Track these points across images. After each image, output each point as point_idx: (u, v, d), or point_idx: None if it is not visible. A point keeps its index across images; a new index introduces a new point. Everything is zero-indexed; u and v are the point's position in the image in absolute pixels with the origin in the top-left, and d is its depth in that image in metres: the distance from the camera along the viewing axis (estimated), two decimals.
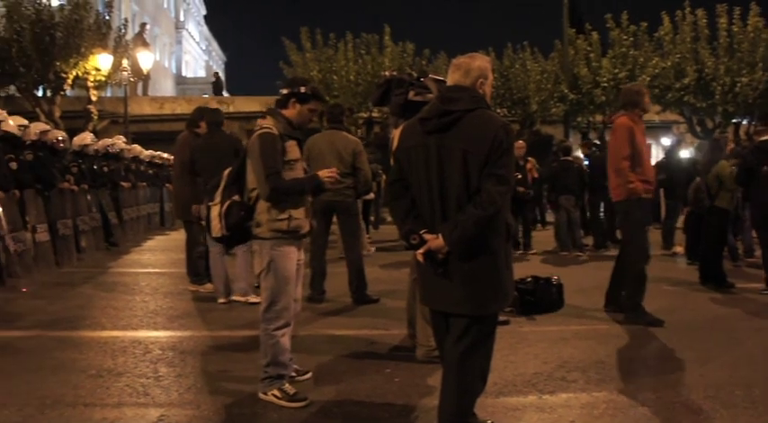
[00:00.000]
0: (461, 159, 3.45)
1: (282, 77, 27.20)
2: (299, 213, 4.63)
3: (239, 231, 4.65)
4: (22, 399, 4.67)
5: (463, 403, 3.65)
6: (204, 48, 79.04)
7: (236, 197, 4.64)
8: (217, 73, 46.73)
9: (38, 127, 10.77)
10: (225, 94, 37.51)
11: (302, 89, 4.74)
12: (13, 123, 9.46)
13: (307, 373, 5.10)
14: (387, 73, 5.67)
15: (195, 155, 7.88)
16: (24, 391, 4.84)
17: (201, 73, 72.82)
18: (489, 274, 3.54)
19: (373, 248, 12.49)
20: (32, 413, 4.42)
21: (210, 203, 4.73)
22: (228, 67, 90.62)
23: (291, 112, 4.73)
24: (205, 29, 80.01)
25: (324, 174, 4.75)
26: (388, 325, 6.70)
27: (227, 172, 4.75)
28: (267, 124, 4.66)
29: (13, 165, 9.22)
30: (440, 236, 3.49)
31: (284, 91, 4.77)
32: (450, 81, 3.70)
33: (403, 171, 3.71)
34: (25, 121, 10.15)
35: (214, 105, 20.87)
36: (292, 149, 4.67)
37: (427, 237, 3.53)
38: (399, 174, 3.74)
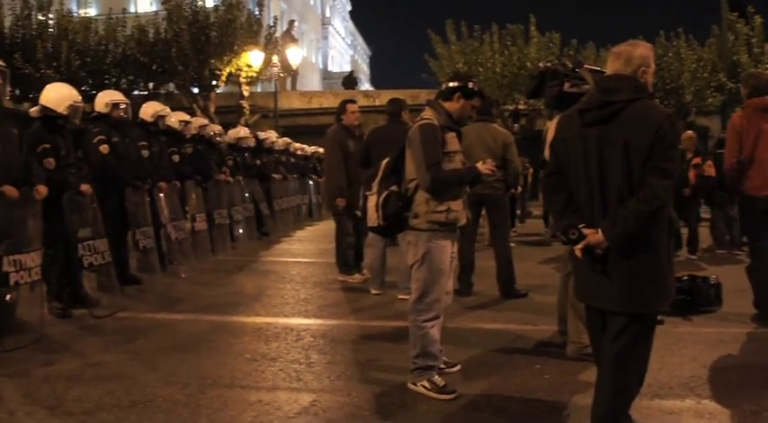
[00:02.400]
0: (623, 152, 3.32)
1: (428, 70, 27.28)
2: (457, 205, 4.62)
3: (396, 222, 4.69)
4: (184, 378, 4.92)
5: (618, 404, 3.53)
6: (349, 43, 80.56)
7: (394, 188, 4.66)
8: (352, 71, 47.29)
9: (198, 122, 11.27)
10: (369, 87, 38.04)
11: (470, 85, 4.75)
12: (174, 119, 9.96)
13: (455, 365, 5.09)
14: (541, 64, 5.54)
15: (370, 143, 7.96)
16: (185, 370, 5.10)
17: (347, 67, 74.16)
18: (651, 270, 3.39)
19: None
20: (194, 392, 4.64)
21: (368, 193, 4.79)
22: (373, 60, 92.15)
23: (454, 105, 4.73)
24: (350, 24, 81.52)
25: (482, 166, 4.72)
26: (537, 320, 6.58)
27: (384, 162, 4.79)
28: (427, 116, 4.68)
29: (176, 157, 9.70)
30: (600, 231, 3.38)
31: (452, 84, 4.77)
32: (609, 70, 3.57)
33: (560, 163, 3.62)
34: (187, 117, 10.60)
35: (359, 98, 21.24)
36: (452, 141, 4.66)
37: (586, 231, 3.43)
38: (556, 166, 3.65)
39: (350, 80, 37.84)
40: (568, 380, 4.88)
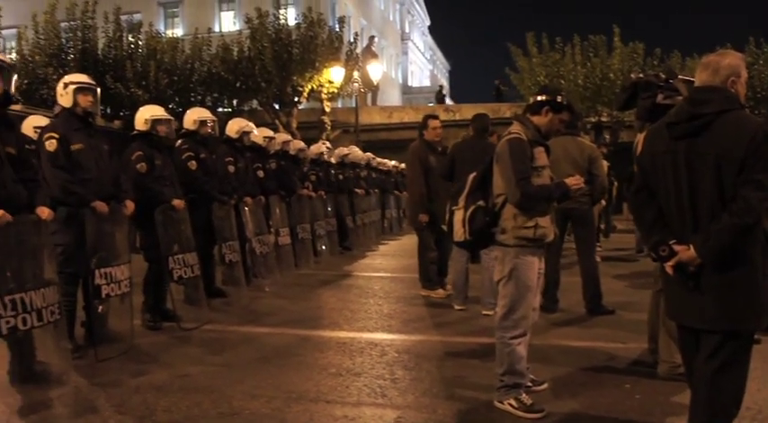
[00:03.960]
0: (714, 165, 3.21)
1: (509, 84, 27.04)
2: (545, 221, 4.55)
3: (482, 237, 4.64)
4: (270, 392, 4.97)
5: None
6: (428, 57, 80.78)
7: (480, 202, 4.62)
8: (441, 86, 47.46)
9: (281, 137, 11.43)
10: (449, 101, 38.22)
11: (559, 99, 4.68)
12: (259, 135, 10.13)
13: (543, 383, 4.99)
14: (633, 75, 5.43)
15: (455, 157, 7.96)
16: (271, 384, 5.14)
17: (426, 82, 74.46)
18: (747, 287, 3.26)
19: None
20: (280, 406, 4.67)
21: (454, 208, 4.76)
22: (452, 75, 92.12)
23: (542, 119, 4.67)
24: (429, 39, 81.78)
25: (571, 181, 4.63)
26: (626, 338, 6.41)
27: (471, 177, 4.76)
28: (515, 130, 4.63)
29: (260, 173, 9.87)
30: (691, 247, 3.26)
31: (540, 98, 4.71)
32: (697, 81, 3.46)
33: (648, 178, 3.52)
34: (271, 133, 10.82)
35: (440, 113, 21.22)
36: (540, 156, 4.60)
37: (677, 248, 3.32)
38: (644, 181, 3.55)
39: (440, 95, 38.20)
40: (661, 401, 4.73)
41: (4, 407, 4.66)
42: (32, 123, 7.26)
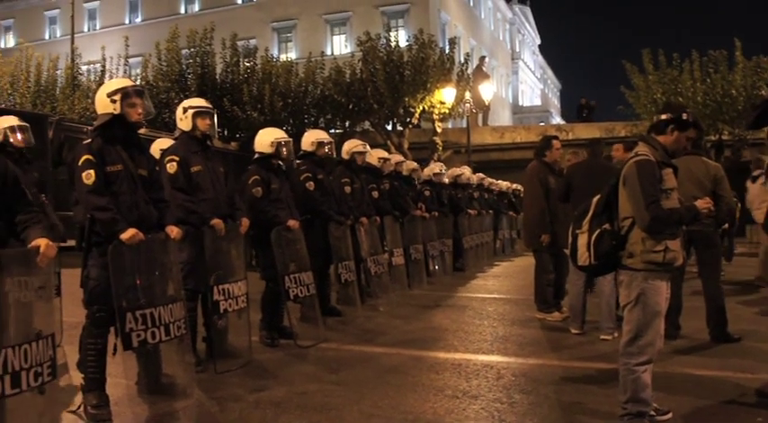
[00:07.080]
0: None
1: (624, 102, 26.36)
2: (674, 245, 4.39)
3: (608, 261, 4.52)
4: (387, 412, 4.96)
5: None
6: (539, 76, 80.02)
7: (606, 226, 4.50)
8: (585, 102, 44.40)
9: (395, 158, 11.53)
10: (560, 121, 37.37)
11: (684, 116, 4.53)
12: (374, 155, 10.25)
13: (667, 412, 4.78)
14: (764, 92, 5.20)
15: (573, 181, 7.88)
16: (388, 405, 5.14)
17: (537, 101, 73.75)
18: None
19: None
20: None
21: (578, 231, 4.64)
22: (564, 94, 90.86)
23: (668, 138, 4.53)
24: (540, 58, 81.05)
25: (701, 204, 4.46)
26: (755, 367, 6.08)
27: (595, 199, 4.64)
28: (643, 151, 4.50)
29: (375, 193, 9.98)
30: None
31: (664, 117, 4.57)
32: None
33: None
34: (386, 154, 10.90)
35: (553, 132, 20.93)
36: (669, 178, 4.45)
37: None
38: None
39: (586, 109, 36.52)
40: None
41: (133, 416, 4.86)
42: (159, 146, 7.58)
